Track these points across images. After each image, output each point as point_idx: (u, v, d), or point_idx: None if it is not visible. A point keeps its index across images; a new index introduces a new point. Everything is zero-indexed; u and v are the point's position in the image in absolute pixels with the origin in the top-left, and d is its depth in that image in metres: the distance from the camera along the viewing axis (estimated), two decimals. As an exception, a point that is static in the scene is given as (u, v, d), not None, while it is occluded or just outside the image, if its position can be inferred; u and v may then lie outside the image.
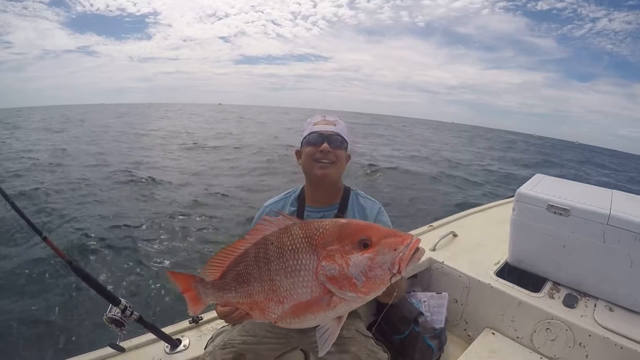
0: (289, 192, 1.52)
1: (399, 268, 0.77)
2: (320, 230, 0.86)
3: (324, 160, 1.33)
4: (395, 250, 0.78)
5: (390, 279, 0.78)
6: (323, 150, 1.33)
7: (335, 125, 1.39)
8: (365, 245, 0.80)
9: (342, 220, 0.89)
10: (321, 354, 0.90)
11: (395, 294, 0.88)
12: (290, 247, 0.87)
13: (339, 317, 0.89)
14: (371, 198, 1.51)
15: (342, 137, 1.38)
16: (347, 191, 1.47)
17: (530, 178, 2.33)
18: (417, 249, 0.79)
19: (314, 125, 1.38)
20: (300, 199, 1.46)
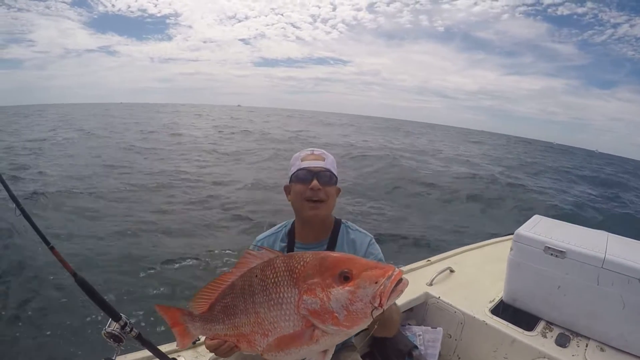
0: (280, 227, 1.50)
1: (380, 301, 0.75)
2: (302, 263, 0.86)
3: (314, 199, 1.31)
4: (376, 283, 0.76)
5: (372, 312, 0.76)
6: (313, 188, 1.29)
7: (324, 159, 1.35)
8: (346, 278, 0.79)
9: (323, 253, 0.88)
10: None
11: (375, 326, 0.88)
12: (272, 280, 0.87)
13: (325, 351, 0.89)
14: (362, 230, 1.47)
15: (331, 172, 1.35)
16: (337, 225, 1.45)
17: (529, 219, 2.39)
18: (400, 280, 0.77)
19: (302, 160, 1.35)
20: (291, 235, 1.44)
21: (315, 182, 1.30)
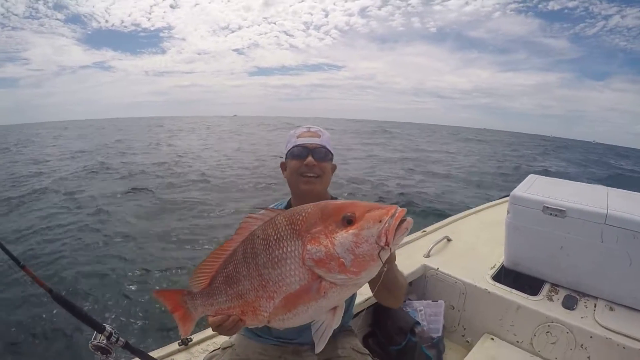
0: (276, 205, 1.49)
1: (386, 240, 0.73)
2: (303, 214, 0.82)
3: (309, 174, 1.29)
4: (380, 222, 0.74)
5: (379, 253, 0.74)
6: (308, 164, 1.29)
7: (319, 136, 1.34)
8: (349, 221, 0.77)
9: (324, 202, 0.85)
10: (318, 350, 0.84)
11: (383, 273, 0.82)
12: (275, 237, 0.83)
13: (334, 309, 0.84)
14: None
15: (326, 148, 1.34)
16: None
17: (524, 179, 2.30)
18: (404, 219, 0.75)
19: (297, 137, 1.34)
20: None
21: (310, 158, 1.29)
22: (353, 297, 1.50)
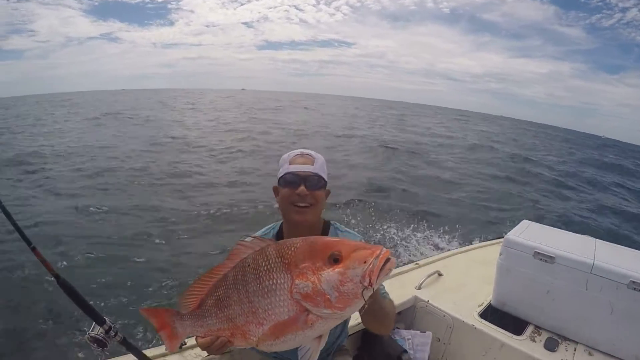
0: (267, 229, 1.49)
1: (370, 281, 0.78)
2: (292, 249, 0.87)
3: (300, 204, 1.29)
4: (365, 262, 0.79)
5: (363, 292, 0.78)
6: (300, 193, 1.28)
7: (313, 163, 1.32)
8: (335, 260, 0.81)
9: (313, 238, 0.90)
10: None
11: (365, 306, 0.85)
12: (265, 268, 0.88)
13: (320, 337, 0.89)
14: (351, 231, 1.47)
15: (319, 176, 1.32)
16: (326, 227, 1.44)
17: (518, 224, 2.40)
18: (388, 259, 0.79)
19: (289, 164, 1.32)
20: (279, 237, 1.42)
21: (302, 187, 1.28)
22: (348, 318, 1.52)
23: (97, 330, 1.35)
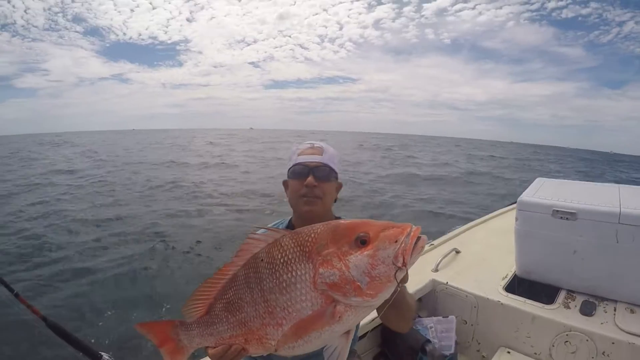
0: (276, 223, 1.42)
1: (403, 260, 0.70)
2: (312, 235, 0.78)
3: (309, 196, 1.22)
4: (396, 242, 0.71)
5: (396, 274, 0.71)
6: (308, 184, 1.20)
7: (322, 154, 1.25)
8: (362, 242, 0.73)
9: (334, 222, 0.81)
10: None
11: (398, 291, 0.76)
12: (282, 261, 0.78)
13: (347, 333, 0.80)
14: None
15: (329, 167, 1.25)
16: None
17: (531, 183, 2.23)
18: (419, 237, 0.72)
19: (298, 155, 1.26)
20: None
21: (310, 178, 1.21)
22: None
23: None
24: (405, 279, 0.92)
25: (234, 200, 10.03)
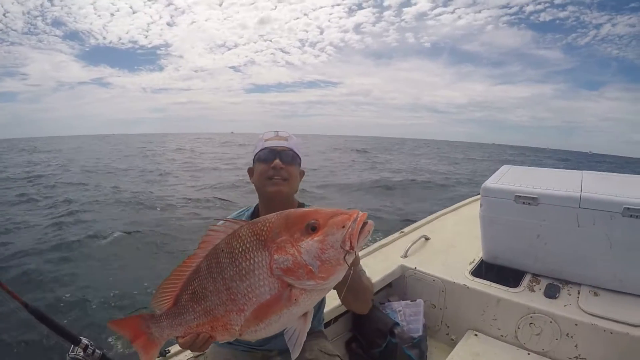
0: (242, 211, 1.47)
1: (350, 244, 0.75)
2: (267, 225, 0.83)
3: (276, 177, 1.28)
4: (343, 227, 0.77)
5: (345, 257, 0.76)
6: (275, 166, 1.27)
7: (287, 140, 1.33)
8: (313, 229, 0.79)
9: (287, 211, 0.86)
10: (294, 357, 0.86)
11: (351, 274, 0.83)
12: (240, 249, 0.83)
13: (305, 315, 0.86)
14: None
15: (294, 151, 1.33)
16: (300, 207, 1.41)
17: (497, 170, 2.27)
18: (366, 222, 0.77)
19: (265, 141, 1.33)
20: (254, 217, 1.33)
21: (277, 160, 1.28)
22: (322, 301, 1.50)
23: (75, 351, 1.39)
24: (356, 262, 0.98)
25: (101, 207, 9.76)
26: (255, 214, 1.42)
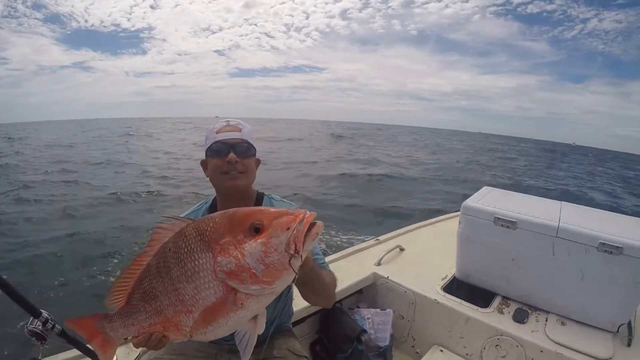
0: (200, 205, 1.44)
1: (295, 248, 0.71)
2: (211, 224, 0.80)
3: (232, 172, 1.25)
4: (288, 229, 0.73)
5: (290, 261, 0.72)
6: (230, 160, 1.23)
7: (240, 130, 1.28)
8: (256, 230, 0.75)
9: (232, 210, 0.82)
10: None
11: (296, 276, 0.78)
12: (186, 250, 0.80)
13: (255, 318, 0.83)
14: (287, 200, 1.41)
15: (248, 143, 1.29)
16: (259, 198, 1.39)
17: (478, 191, 2.29)
18: (314, 223, 0.73)
19: (217, 133, 1.27)
20: (212, 210, 1.36)
21: (232, 154, 1.24)
22: (289, 295, 1.47)
23: (34, 324, 1.36)
24: (307, 262, 0.92)
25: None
26: (213, 207, 1.39)
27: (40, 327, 1.34)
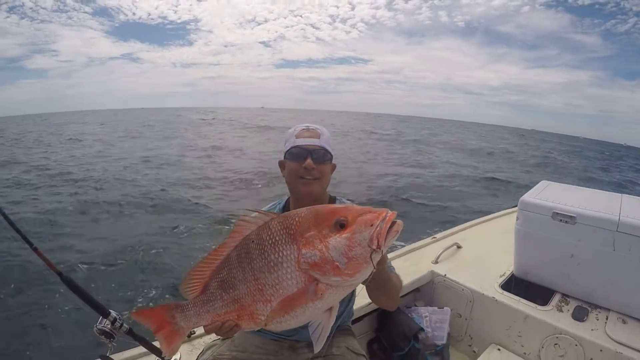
0: (274, 204, 1.48)
1: (377, 243, 0.76)
2: (297, 219, 0.84)
3: (307, 177, 1.29)
4: (371, 226, 0.77)
5: (371, 256, 0.77)
6: (307, 166, 1.27)
7: (319, 136, 1.32)
8: (342, 225, 0.80)
9: (318, 206, 0.87)
10: (316, 350, 0.87)
11: (374, 272, 0.82)
12: (270, 242, 0.85)
13: (330, 310, 0.87)
14: (357, 205, 1.44)
15: (325, 149, 1.32)
16: (332, 201, 1.43)
17: (536, 185, 2.26)
18: (394, 222, 0.78)
19: (296, 137, 1.32)
20: (285, 211, 1.41)
21: (309, 160, 1.28)
22: (352, 296, 1.50)
23: (104, 323, 1.37)
24: (383, 260, 1.00)
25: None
26: (286, 207, 1.44)
27: (109, 326, 1.37)
